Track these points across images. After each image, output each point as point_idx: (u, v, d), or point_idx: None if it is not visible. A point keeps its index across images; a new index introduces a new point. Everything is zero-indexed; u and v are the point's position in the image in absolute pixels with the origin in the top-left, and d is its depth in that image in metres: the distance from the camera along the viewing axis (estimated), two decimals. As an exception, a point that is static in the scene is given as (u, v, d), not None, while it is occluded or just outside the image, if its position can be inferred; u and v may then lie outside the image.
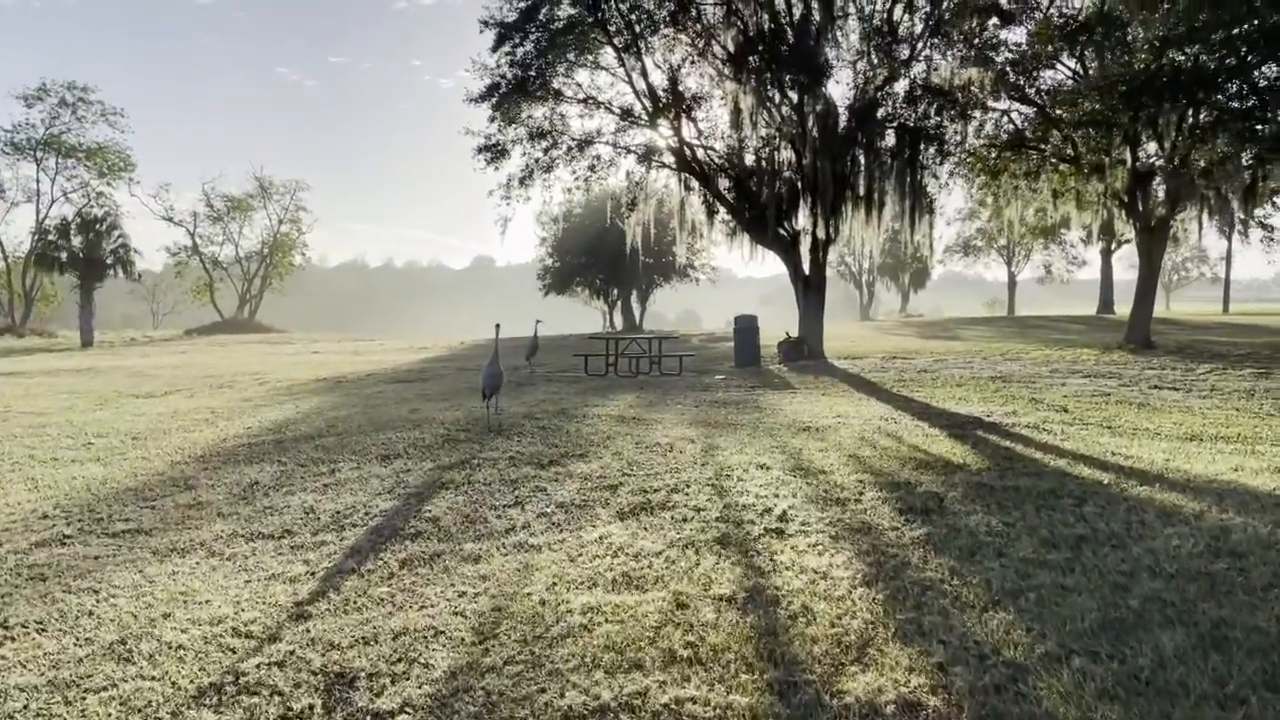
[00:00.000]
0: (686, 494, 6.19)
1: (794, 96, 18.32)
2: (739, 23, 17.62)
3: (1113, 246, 52.20)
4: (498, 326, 10.20)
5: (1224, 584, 4.06)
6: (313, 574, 4.81)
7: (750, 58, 17.26)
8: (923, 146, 17.91)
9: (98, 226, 37.96)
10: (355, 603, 4.32)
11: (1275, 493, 5.86)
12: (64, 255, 37.76)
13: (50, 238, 38.73)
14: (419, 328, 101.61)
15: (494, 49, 18.55)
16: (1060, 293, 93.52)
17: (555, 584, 4.43)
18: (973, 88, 18.09)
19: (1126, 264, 77.86)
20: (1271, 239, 31.50)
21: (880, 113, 18.11)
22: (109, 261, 37.90)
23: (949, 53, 17.91)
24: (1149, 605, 3.82)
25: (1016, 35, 20.82)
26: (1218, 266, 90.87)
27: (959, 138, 19.88)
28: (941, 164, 19.07)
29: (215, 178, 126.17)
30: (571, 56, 19.58)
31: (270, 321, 63.20)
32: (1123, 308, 54.33)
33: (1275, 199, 22.08)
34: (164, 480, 7.43)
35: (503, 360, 10.08)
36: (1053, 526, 5.06)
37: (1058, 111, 19.85)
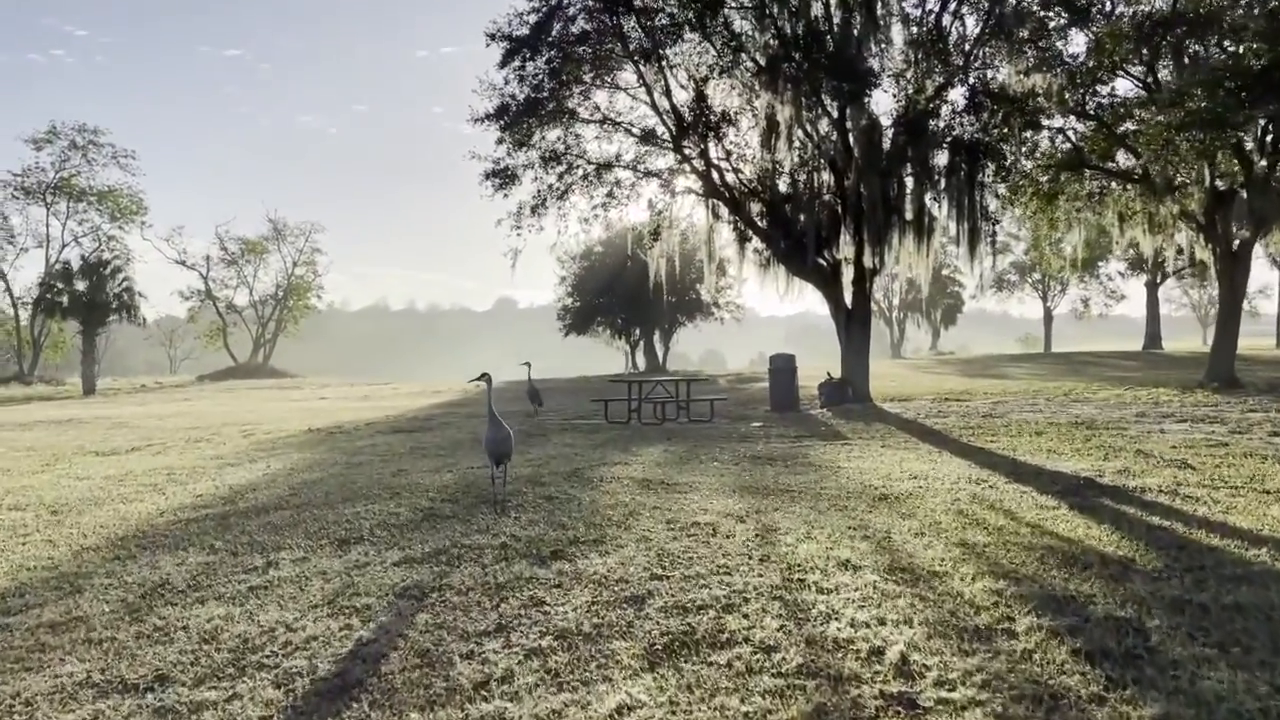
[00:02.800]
0: (745, 615, 4.26)
1: (834, 111, 16.54)
2: (773, 27, 15.88)
3: (1158, 279, 49.86)
4: (487, 377, 7.76)
5: None
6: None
7: (786, 65, 15.50)
8: (982, 161, 15.98)
9: (101, 270, 36.65)
10: None
11: None
12: (66, 300, 36.44)
13: (52, 282, 37.38)
14: (439, 371, 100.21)
15: (501, 65, 16.90)
16: (1091, 329, 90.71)
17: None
18: (1038, 98, 16.23)
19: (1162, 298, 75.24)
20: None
21: (932, 125, 16.22)
22: (113, 306, 36.49)
23: (1012, 56, 16.03)
24: None
25: (1073, 46, 18.79)
26: (1255, 300, 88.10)
27: (1017, 154, 17.84)
28: (1004, 182, 17.07)
29: (229, 220, 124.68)
30: (588, 77, 17.97)
31: (288, 366, 61.81)
32: (1169, 343, 52.03)
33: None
34: (50, 579, 5.64)
35: (502, 408, 8.04)
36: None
37: (1127, 126, 17.95)
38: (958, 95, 16.49)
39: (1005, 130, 16.28)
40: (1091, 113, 18.70)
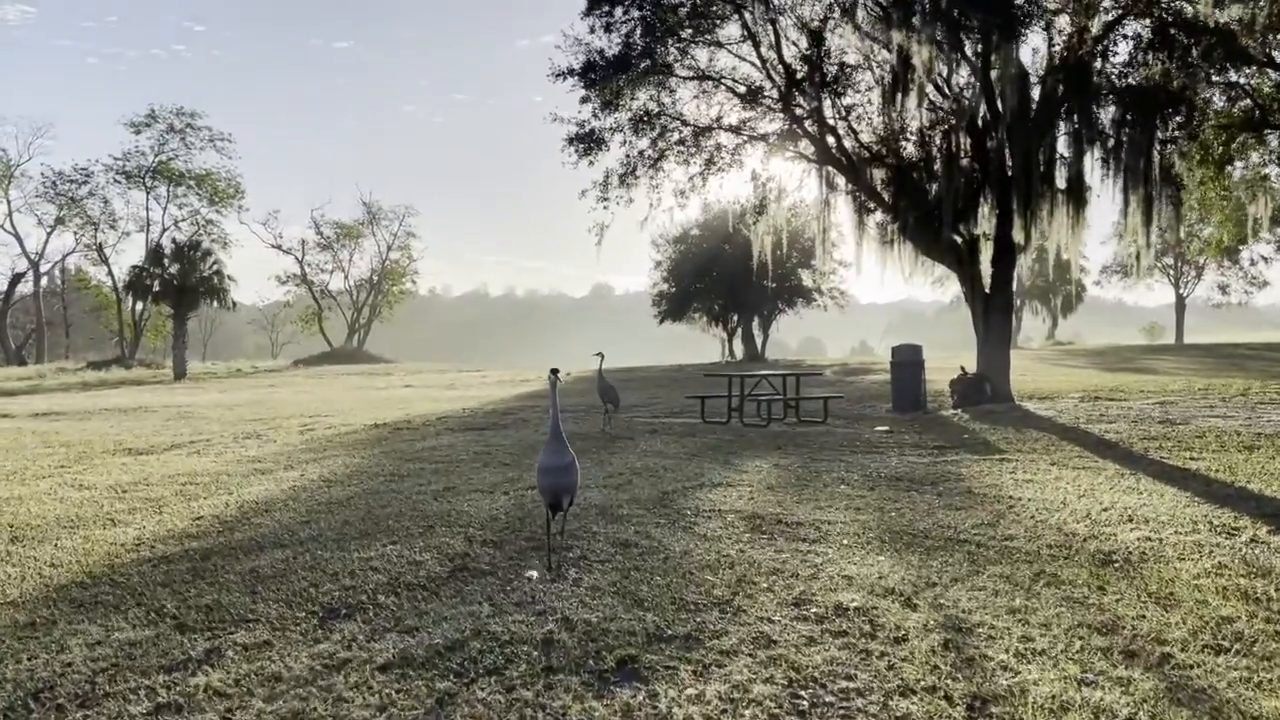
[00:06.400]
0: None
1: (975, 59, 13.99)
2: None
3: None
4: (554, 374, 5.72)
5: None
6: None
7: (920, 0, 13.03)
8: (1166, 113, 13.15)
9: (191, 253, 36.25)
10: None
11: None
12: (156, 284, 36.21)
13: (145, 265, 37.24)
14: (534, 356, 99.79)
15: (586, 13, 14.93)
16: (1215, 318, 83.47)
17: None
18: (1245, 32, 13.32)
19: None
20: None
21: (1098, 71, 13.46)
22: (201, 290, 36.08)
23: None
24: None
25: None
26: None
27: (1206, 103, 14.85)
28: (1193, 139, 14.12)
29: (324, 204, 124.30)
30: (685, 33, 15.87)
31: (387, 351, 61.58)
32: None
33: None
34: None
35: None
36: None
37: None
38: (1135, 31, 13.66)
39: (1197, 73, 13.37)
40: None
